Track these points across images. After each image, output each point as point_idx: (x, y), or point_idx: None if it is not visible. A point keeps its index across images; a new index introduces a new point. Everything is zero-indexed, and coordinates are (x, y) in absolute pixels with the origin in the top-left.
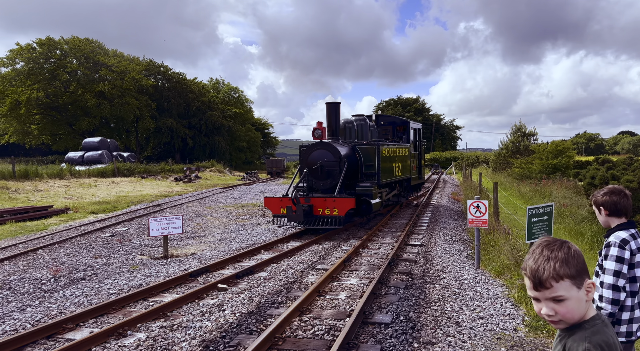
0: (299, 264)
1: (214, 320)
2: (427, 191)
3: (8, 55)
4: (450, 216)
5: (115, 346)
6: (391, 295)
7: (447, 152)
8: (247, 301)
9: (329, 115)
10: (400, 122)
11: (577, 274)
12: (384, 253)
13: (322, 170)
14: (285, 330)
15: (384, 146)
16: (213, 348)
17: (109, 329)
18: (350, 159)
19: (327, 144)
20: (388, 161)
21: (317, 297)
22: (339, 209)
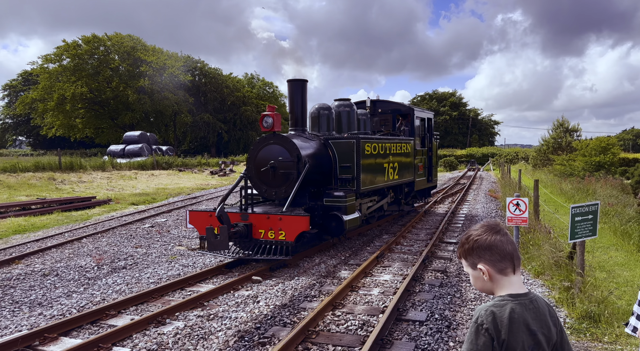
0: (331, 259)
1: (249, 311)
2: (462, 187)
3: (55, 52)
4: (487, 213)
5: (155, 334)
6: (425, 293)
7: (484, 148)
8: (280, 294)
9: (291, 97)
10: (402, 109)
11: (465, 257)
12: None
13: (274, 173)
14: (319, 324)
15: (367, 140)
16: (248, 338)
17: (149, 317)
18: (318, 158)
19: (282, 137)
20: (376, 161)
21: (350, 292)
22: (287, 231)
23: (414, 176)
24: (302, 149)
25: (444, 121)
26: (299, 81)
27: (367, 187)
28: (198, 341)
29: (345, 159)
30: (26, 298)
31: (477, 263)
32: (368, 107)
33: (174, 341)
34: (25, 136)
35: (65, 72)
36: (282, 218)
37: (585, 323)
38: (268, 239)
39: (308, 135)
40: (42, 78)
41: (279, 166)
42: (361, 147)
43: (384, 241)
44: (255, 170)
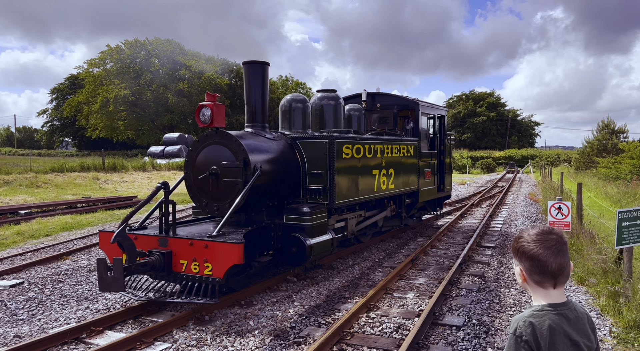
0: (364, 261)
1: (284, 310)
2: (501, 190)
3: (99, 57)
4: (527, 217)
5: (194, 330)
6: (463, 297)
7: (523, 150)
8: (315, 295)
9: (248, 85)
10: (405, 104)
11: (513, 251)
12: None
13: (216, 182)
14: (353, 325)
15: (346, 140)
16: (284, 337)
17: (189, 313)
18: (280, 163)
19: (227, 136)
20: (360, 166)
21: (384, 295)
22: (214, 264)
23: (418, 184)
24: (253, 152)
25: (481, 122)
26: (257, 63)
27: (345, 200)
28: (235, 339)
29: (315, 165)
30: (73, 293)
31: (517, 264)
32: (364, 102)
33: (212, 338)
34: (71, 137)
35: (109, 76)
36: (208, 245)
37: (634, 333)
38: (191, 273)
39: (271, 133)
40: (87, 82)
41: (222, 172)
42: (337, 149)
43: (418, 244)
44: (194, 177)
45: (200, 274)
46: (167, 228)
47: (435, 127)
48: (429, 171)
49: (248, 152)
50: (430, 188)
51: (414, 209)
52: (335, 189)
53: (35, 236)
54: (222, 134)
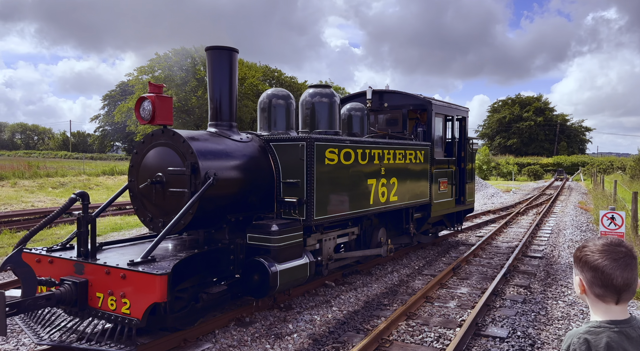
0: (404, 268)
1: (322, 315)
2: (549, 198)
3: (148, 64)
4: (577, 226)
5: (235, 330)
6: (507, 308)
7: (573, 157)
8: (353, 300)
9: (211, 75)
10: (416, 103)
11: (574, 261)
12: None
13: (163, 192)
14: (392, 333)
15: (330, 143)
16: (322, 342)
17: (230, 314)
18: (247, 169)
19: (174, 136)
20: (349, 174)
21: (424, 303)
22: (132, 300)
23: (430, 196)
24: (207, 156)
25: (527, 127)
26: (223, 50)
27: (328, 215)
28: (275, 341)
29: (291, 172)
30: None
31: (578, 274)
32: (369, 101)
33: (252, 339)
34: (121, 141)
35: (157, 83)
36: (126, 275)
37: None
38: (108, 311)
39: (239, 134)
40: (137, 88)
41: (168, 180)
42: (316, 153)
43: (460, 253)
44: (138, 186)
45: (117, 312)
46: (85, 251)
47: (454, 130)
48: (444, 181)
49: (198, 156)
50: (447, 200)
51: (428, 225)
52: (314, 202)
53: None
54: (169, 133)
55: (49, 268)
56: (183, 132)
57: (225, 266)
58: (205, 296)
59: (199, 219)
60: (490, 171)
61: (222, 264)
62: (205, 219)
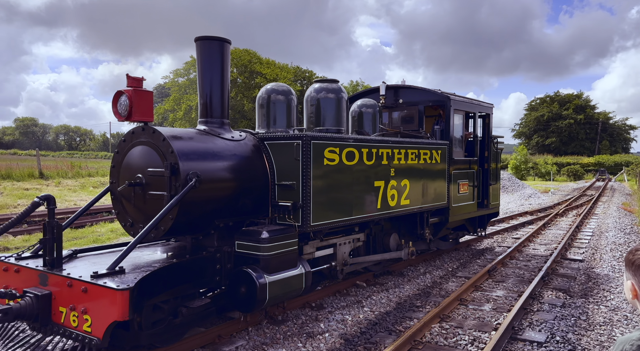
0: (437, 270)
1: (354, 315)
2: (590, 199)
3: (184, 67)
4: (620, 229)
5: (268, 328)
6: (545, 312)
7: (616, 156)
8: (385, 301)
9: (200, 69)
10: (432, 99)
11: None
12: None
13: (142, 195)
14: (425, 335)
15: (329, 141)
16: (354, 342)
17: (262, 312)
18: (238, 170)
19: (153, 133)
20: (353, 177)
21: (458, 305)
22: (94, 317)
23: (448, 199)
24: (189, 156)
25: (567, 126)
26: (213, 40)
27: (327, 221)
28: (307, 340)
29: (286, 174)
30: None
31: (629, 278)
32: (382, 97)
33: (284, 338)
34: None
35: (192, 85)
36: (87, 288)
37: None
38: (70, 327)
39: (231, 132)
40: (173, 91)
41: (148, 182)
42: (313, 152)
43: (496, 255)
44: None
45: (79, 329)
46: (51, 260)
47: (477, 128)
48: (465, 183)
49: (179, 156)
50: (468, 204)
51: (447, 230)
52: (310, 206)
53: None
54: (149, 131)
55: (15, 278)
56: (164, 129)
57: (211, 276)
58: (185, 310)
59: (182, 224)
60: (527, 171)
61: (207, 274)
62: (189, 225)
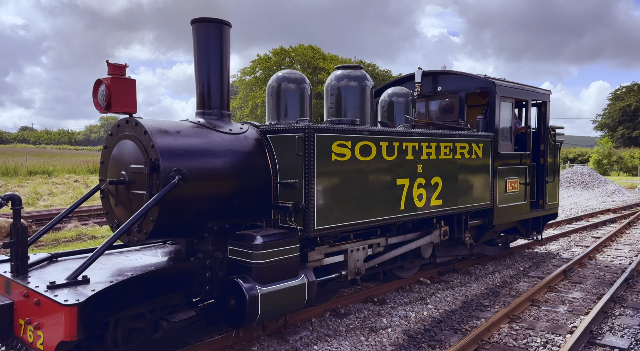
0: (507, 269)
1: (417, 312)
2: None
3: (251, 66)
4: None
5: (331, 320)
6: (628, 317)
7: None
8: (450, 299)
9: (198, 54)
10: (475, 85)
11: None
12: None
13: (126, 194)
14: (493, 335)
15: (340, 134)
16: (417, 339)
17: (325, 305)
18: (232, 167)
19: (135, 125)
20: (368, 174)
21: (529, 306)
22: (46, 334)
23: (492, 198)
24: (174, 151)
25: None
26: (211, 22)
27: (333, 224)
28: (369, 334)
29: (288, 171)
30: None
31: None
32: (418, 85)
33: (346, 330)
34: None
35: (258, 83)
36: (40, 301)
37: None
38: (27, 343)
39: (232, 124)
40: (240, 89)
41: (131, 180)
42: (318, 147)
43: (573, 255)
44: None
45: (33, 346)
46: (16, 265)
47: (529, 118)
48: (514, 180)
49: (161, 151)
50: (518, 204)
51: (494, 233)
52: (314, 207)
53: None
54: (132, 123)
55: None
56: (149, 121)
57: (200, 285)
58: (165, 324)
59: (166, 227)
60: (611, 166)
61: (194, 283)
62: (176, 227)
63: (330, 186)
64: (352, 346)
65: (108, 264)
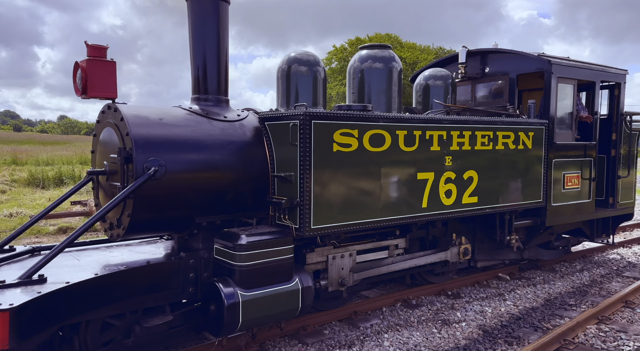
0: (597, 267)
1: (494, 308)
2: None
3: (327, 57)
4: None
5: (402, 310)
6: None
7: None
8: (531, 296)
9: (193, 33)
10: (528, 65)
11: None
12: None
13: (108, 185)
14: (578, 335)
15: (343, 122)
16: (493, 334)
17: (396, 294)
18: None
19: (115, 111)
20: (381, 167)
21: (622, 308)
22: None
23: (544, 195)
24: (151, 139)
25: None
26: None
27: (333, 224)
28: (442, 326)
29: (285, 162)
30: None
31: None
32: (462, 66)
33: (418, 321)
34: None
35: (334, 74)
36: None
37: None
38: None
39: (229, 111)
40: None
41: (112, 170)
42: (316, 135)
43: None
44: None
45: None
46: None
47: (597, 102)
48: (574, 175)
49: (136, 140)
50: (580, 203)
51: (550, 236)
52: (311, 204)
53: None
54: (113, 109)
55: None
56: (129, 107)
57: (182, 287)
58: (138, 329)
59: (149, 222)
60: None
61: (174, 285)
62: (159, 222)
63: (332, 180)
64: (424, 337)
65: (87, 260)
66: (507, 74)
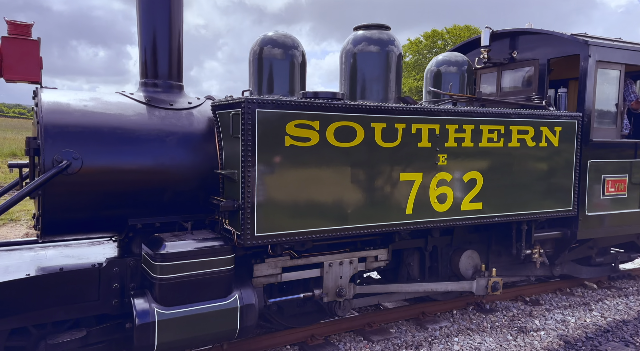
0: None
1: (578, 318)
2: None
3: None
4: None
5: (474, 314)
6: None
7: None
8: (622, 308)
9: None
10: (560, 47)
11: None
12: None
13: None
14: None
15: (298, 111)
16: (576, 346)
17: (468, 298)
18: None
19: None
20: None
21: None
22: None
23: (574, 202)
24: (66, 129)
25: None
26: None
27: (286, 231)
28: (518, 334)
29: (231, 158)
30: None
31: None
32: (485, 50)
33: (491, 327)
34: None
35: (407, 68)
36: None
37: None
38: None
39: (180, 97)
40: None
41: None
42: (260, 127)
43: None
44: None
45: None
46: None
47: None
48: (619, 179)
49: (46, 129)
50: (626, 213)
51: (590, 250)
52: (253, 207)
53: None
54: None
55: None
56: (50, 92)
57: (104, 299)
58: (43, 345)
59: (67, 222)
60: None
61: (92, 296)
62: (81, 223)
63: (283, 180)
64: (497, 344)
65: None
66: (536, 59)
